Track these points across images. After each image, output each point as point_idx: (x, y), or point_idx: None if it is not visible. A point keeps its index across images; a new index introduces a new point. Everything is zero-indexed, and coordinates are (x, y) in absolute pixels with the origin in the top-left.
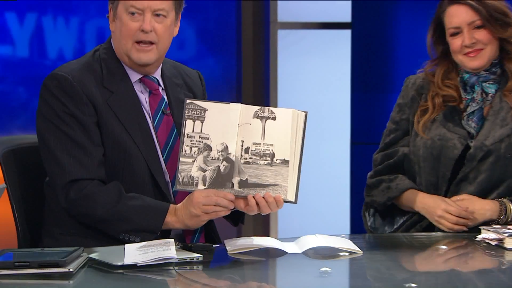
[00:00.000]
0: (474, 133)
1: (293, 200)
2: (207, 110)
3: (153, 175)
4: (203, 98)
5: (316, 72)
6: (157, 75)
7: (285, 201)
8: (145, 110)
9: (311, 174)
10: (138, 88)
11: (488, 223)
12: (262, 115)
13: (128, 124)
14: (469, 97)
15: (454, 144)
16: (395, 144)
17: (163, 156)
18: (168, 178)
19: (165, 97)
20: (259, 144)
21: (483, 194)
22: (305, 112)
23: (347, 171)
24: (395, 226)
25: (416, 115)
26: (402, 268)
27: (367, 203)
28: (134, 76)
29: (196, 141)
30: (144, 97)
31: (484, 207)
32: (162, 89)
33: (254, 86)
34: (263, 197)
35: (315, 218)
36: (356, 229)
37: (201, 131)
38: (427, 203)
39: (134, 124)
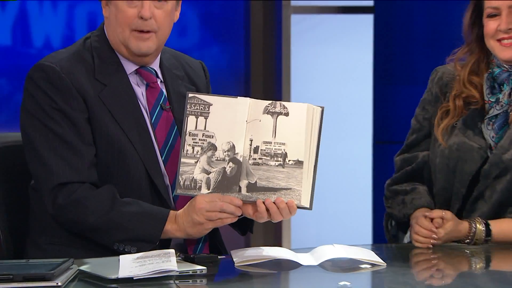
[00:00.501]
0: (492, 144)
1: (308, 206)
2: (211, 105)
3: (151, 178)
4: (207, 92)
5: (334, 62)
6: (155, 66)
7: (298, 207)
8: (141, 105)
9: (328, 176)
10: (134, 80)
11: (458, 241)
12: (273, 111)
13: (122, 121)
14: (493, 100)
15: (472, 156)
16: (416, 147)
17: (162, 157)
18: (167, 181)
19: (164, 90)
20: (270, 143)
21: (498, 214)
22: (321, 107)
23: (368, 173)
24: None
25: (436, 117)
26: (430, 282)
27: (388, 214)
28: (130, 67)
29: (199, 139)
30: (140, 91)
31: (456, 229)
32: (161, 81)
33: (265, 78)
34: (274, 203)
35: (332, 226)
36: (379, 238)
37: (204, 129)
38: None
39: (129, 121)
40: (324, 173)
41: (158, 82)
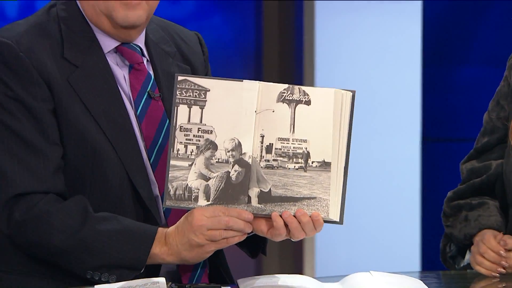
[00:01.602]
0: None
1: (338, 220)
2: (208, 90)
3: (134, 187)
4: (205, 73)
5: (372, 37)
6: (140, 42)
7: (325, 221)
8: (123, 92)
9: (363, 183)
10: (113, 60)
11: None
12: (290, 98)
13: (98, 113)
14: None
15: None
16: (489, 152)
17: (149, 159)
18: (156, 191)
19: (152, 72)
20: (287, 140)
21: None
22: (351, 91)
23: (416, 179)
24: None
25: None
26: None
27: (447, 235)
28: (108, 44)
29: (194, 136)
30: (122, 74)
31: None
32: (148, 60)
33: (281, 56)
34: (294, 216)
35: (369, 247)
36: (430, 262)
37: (200, 122)
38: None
39: (107, 113)
40: (357, 179)
41: (145, 62)
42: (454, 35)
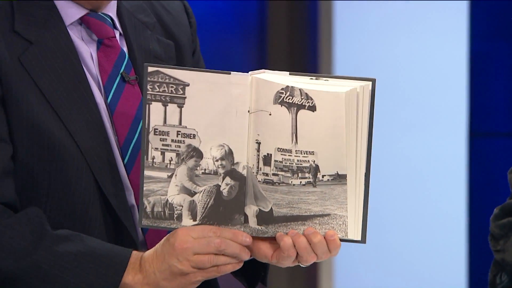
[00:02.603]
0: None
1: (359, 239)
2: (188, 85)
3: (103, 193)
4: (192, 50)
5: (405, 13)
6: (112, 11)
7: (343, 241)
8: (90, 74)
9: (395, 189)
10: (77, 34)
11: None
12: (289, 101)
13: (58, 100)
14: None
15: None
16: None
17: (123, 159)
18: (132, 199)
19: (126, 50)
20: (289, 151)
21: None
22: (371, 80)
23: (461, 182)
24: None
25: None
26: None
27: (497, 262)
28: (71, 14)
29: (172, 141)
30: (88, 51)
31: None
32: (121, 34)
33: (291, 36)
34: (304, 235)
35: (401, 272)
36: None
37: (179, 123)
38: None
39: (69, 100)
40: (386, 185)
41: (117, 37)
42: (502, 14)
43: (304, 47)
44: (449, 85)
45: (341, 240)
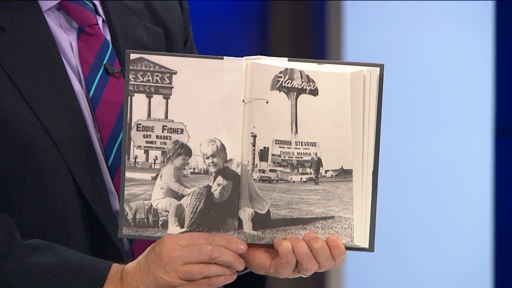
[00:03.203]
0: None
1: (366, 246)
2: (175, 73)
3: (84, 198)
4: (184, 38)
5: (429, 6)
6: None
7: (349, 248)
8: (69, 66)
9: (413, 191)
10: (55, 21)
11: None
12: (289, 85)
13: (33, 94)
14: None
15: None
16: None
17: (107, 160)
18: (116, 204)
19: (110, 38)
20: (288, 143)
21: None
22: (379, 65)
23: (486, 183)
24: None
25: None
26: None
27: None
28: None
29: (157, 137)
30: (67, 40)
31: None
32: (104, 21)
33: (296, 19)
34: (304, 240)
35: (420, 280)
36: None
37: (166, 117)
38: None
39: (46, 94)
40: (401, 185)
41: (100, 24)
42: None
43: (309, 36)
44: (473, 80)
45: (347, 247)
